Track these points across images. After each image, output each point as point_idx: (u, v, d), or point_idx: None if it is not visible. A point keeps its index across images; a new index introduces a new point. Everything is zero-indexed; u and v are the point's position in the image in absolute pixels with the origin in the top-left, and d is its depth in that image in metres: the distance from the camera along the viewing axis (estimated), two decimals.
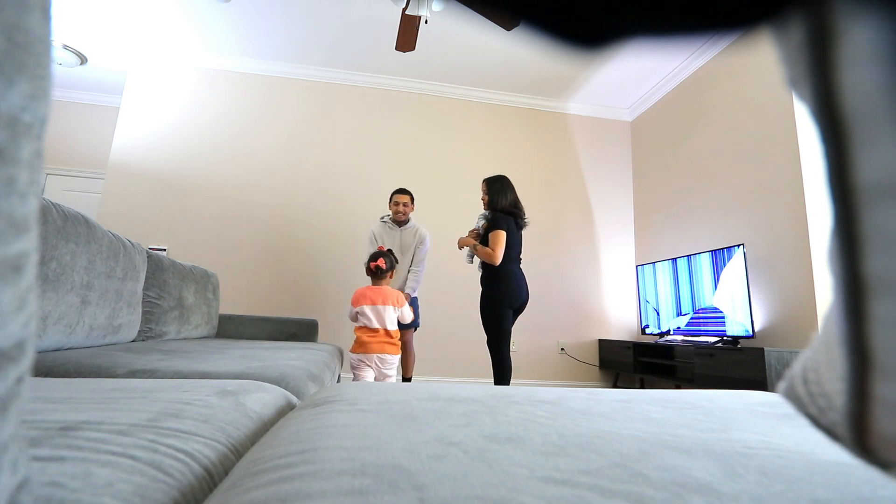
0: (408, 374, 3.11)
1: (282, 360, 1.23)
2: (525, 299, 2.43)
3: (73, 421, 0.39)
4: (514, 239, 2.42)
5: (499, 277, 2.39)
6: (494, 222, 2.40)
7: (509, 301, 2.38)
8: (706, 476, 0.29)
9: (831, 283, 0.16)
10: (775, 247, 2.71)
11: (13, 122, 0.18)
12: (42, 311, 1.10)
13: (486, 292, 2.44)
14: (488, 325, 2.41)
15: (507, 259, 2.39)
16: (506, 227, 2.38)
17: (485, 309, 2.43)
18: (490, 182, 2.54)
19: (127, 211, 3.58)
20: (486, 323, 2.42)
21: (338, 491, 0.25)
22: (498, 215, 2.42)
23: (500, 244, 2.35)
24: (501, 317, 2.37)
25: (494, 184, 2.52)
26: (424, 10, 2.45)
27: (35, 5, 0.19)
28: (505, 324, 2.38)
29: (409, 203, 3.00)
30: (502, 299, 2.38)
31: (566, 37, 0.15)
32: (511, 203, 2.47)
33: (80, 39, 3.64)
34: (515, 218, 2.46)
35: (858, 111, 0.13)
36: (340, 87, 4.03)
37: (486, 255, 2.39)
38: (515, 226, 2.45)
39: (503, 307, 2.37)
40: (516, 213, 2.46)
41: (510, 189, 2.51)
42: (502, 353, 2.37)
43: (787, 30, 0.15)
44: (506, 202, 2.46)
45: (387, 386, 0.60)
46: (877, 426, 0.15)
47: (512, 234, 2.40)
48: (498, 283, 2.39)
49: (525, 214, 2.51)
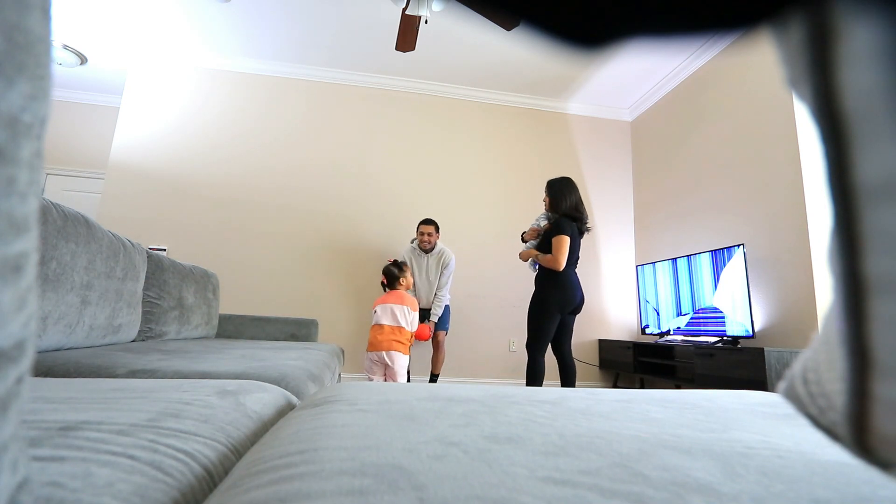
0: (436, 371, 3.31)
1: (282, 360, 1.23)
2: (578, 303, 2.39)
3: (73, 421, 0.39)
4: (576, 244, 2.36)
5: (555, 282, 2.34)
6: (558, 227, 2.32)
7: (559, 306, 2.33)
8: (706, 476, 0.29)
9: (831, 283, 0.16)
10: (775, 247, 2.71)
11: (13, 122, 0.18)
12: (42, 311, 1.10)
13: (539, 293, 2.39)
14: (531, 325, 2.38)
15: (567, 263, 2.33)
16: (569, 231, 2.31)
17: (532, 308, 2.39)
18: (552, 183, 2.47)
19: (127, 211, 3.58)
20: (530, 322, 2.39)
21: (338, 491, 0.25)
22: (562, 220, 2.35)
23: (564, 250, 2.28)
24: (546, 320, 2.33)
25: (556, 186, 2.44)
26: (424, 10, 2.45)
27: (35, 5, 0.19)
28: (547, 327, 2.33)
29: (434, 232, 3.19)
30: (552, 303, 2.33)
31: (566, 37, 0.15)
32: (572, 206, 2.38)
33: (80, 39, 3.64)
34: (579, 223, 2.38)
35: (858, 111, 0.13)
36: (340, 87, 4.03)
37: (548, 262, 2.33)
38: (578, 231, 2.38)
39: (551, 311, 2.33)
40: (579, 217, 2.39)
41: (573, 191, 2.42)
42: (535, 355, 2.34)
43: (787, 30, 0.15)
44: (568, 205, 2.38)
45: (387, 386, 0.60)
46: (877, 426, 0.15)
47: (574, 238, 2.34)
48: (552, 287, 2.35)
49: (587, 219, 2.43)
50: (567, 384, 2.41)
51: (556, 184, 2.45)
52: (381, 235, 3.81)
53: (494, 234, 3.98)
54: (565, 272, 2.34)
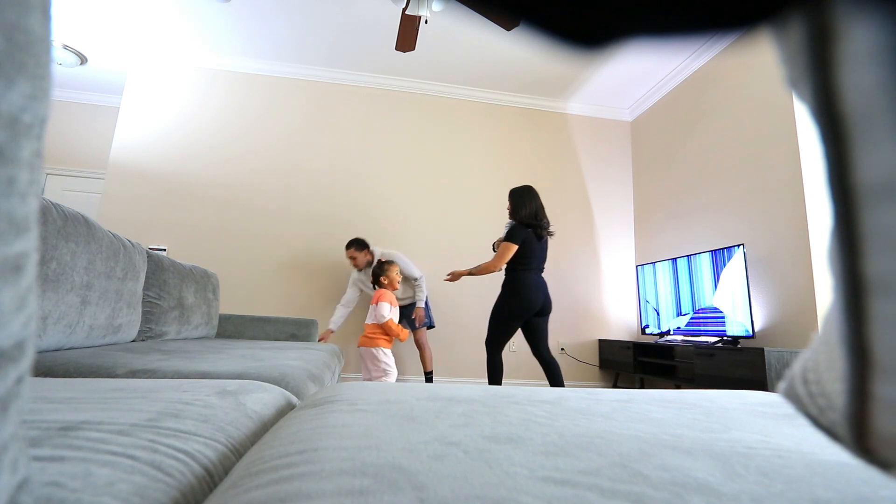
0: (428, 368, 3.29)
1: (282, 360, 1.23)
2: (541, 305, 2.47)
3: (73, 421, 0.39)
4: (533, 249, 2.46)
5: (514, 287, 2.45)
6: (509, 233, 2.46)
7: (520, 310, 2.44)
8: (706, 476, 0.29)
9: (831, 283, 0.16)
10: (775, 247, 2.71)
11: (13, 122, 0.18)
12: (42, 311, 1.10)
13: (501, 297, 2.50)
14: (491, 325, 2.50)
15: (524, 268, 2.45)
16: (520, 238, 2.43)
17: (494, 310, 2.51)
18: (513, 193, 2.58)
19: (127, 211, 3.58)
20: (491, 323, 2.51)
21: (338, 491, 0.25)
22: (515, 227, 2.47)
23: (504, 255, 2.43)
24: (504, 323, 2.45)
25: (516, 195, 2.56)
26: (424, 10, 2.45)
27: (35, 5, 0.19)
28: (506, 329, 2.46)
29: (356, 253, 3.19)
30: (512, 308, 2.45)
31: (566, 37, 0.15)
32: (531, 214, 2.49)
33: (80, 39, 3.64)
34: (535, 229, 2.47)
35: (858, 111, 0.13)
36: (340, 87, 4.03)
37: (485, 270, 2.52)
38: (536, 236, 2.47)
39: (510, 316, 2.45)
40: (536, 224, 2.48)
41: (531, 200, 2.52)
42: (492, 353, 2.48)
43: (787, 30, 0.15)
44: (527, 212, 2.49)
45: (387, 386, 0.60)
46: (877, 426, 0.15)
47: (530, 244, 2.45)
48: (512, 294, 2.46)
49: (548, 225, 2.53)
50: (554, 381, 2.49)
51: (515, 193, 2.56)
52: (380, 235, 3.81)
53: (494, 234, 3.97)
54: (525, 277, 2.45)
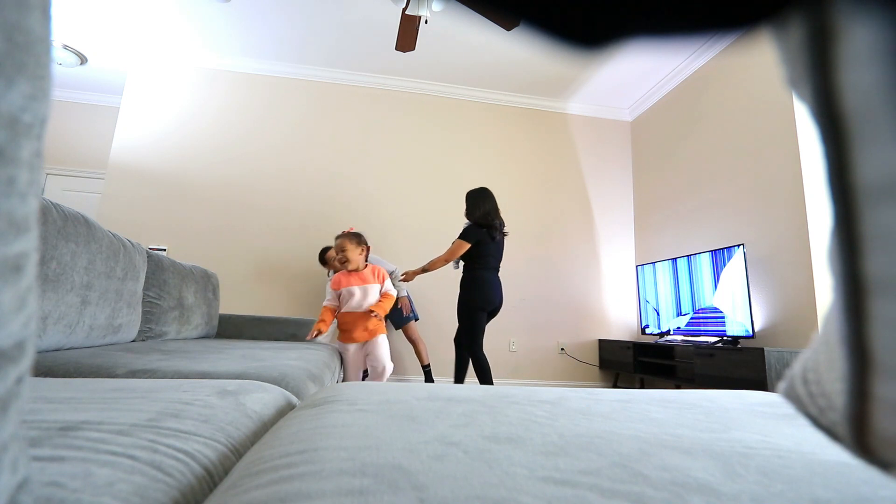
0: (425, 362, 3.28)
1: (282, 360, 1.23)
2: (498, 304, 2.58)
3: (73, 421, 0.39)
4: (487, 249, 2.56)
5: (474, 283, 2.56)
6: (462, 232, 2.58)
7: (482, 305, 2.53)
8: (706, 476, 0.29)
9: (831, 283, 0.16)
10: (775, 247, 2.71)
11: (13, 122, 0.18)
12: (42, 311, 1.10)
13: (463, 294, 2.59)
14: (463, 325, 2.57)
15: (482, 267, 2.56)
16: (473, 238, 2.54)
17: (460, 309, 2.59)
18: (468, 194, 2.68)
19: (127, 211, 3.58)
20: (460, 322, 2.59)
21: (338, 491, 0.25)
22: (469, 227, 2.58)
23: (455, 252, 2.57)
24: (474, 317, 2.54)
25: (470, 196, 2.66)
26: (424, 10, 2.45)
27: (35, 5, 0.19)
28: (478, 323, 2.54)
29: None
30: (476, 303, 2.54)
31: (566, 37, 0.15)
32: (483, 215, 2.58)
33: (80, 39, 3.64)
34: (489, 229, 2.55)
35: (858, 111, 0.13)
36: (340, 87, 4.03)
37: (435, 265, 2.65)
38: (489, 237, 2.55)
39: (477, 310, 2.54)
40: (488, 225, 2.56)
41: (485, 201, 2.61)
42: (476, 352, 2.53)
43: (787, 30, 0.15)
44: (478, 214, 2.58)
45: (387, 386, 0.60)
46: (877, 426, 0.15)
47: (483, 244, 2.55)
48: (472, 289, 2.56)
49: (501, 225, 2.61)
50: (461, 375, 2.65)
51: (470, 195, 2.66)
52: (380, 235, 3.81)
53: None
54: (483, 275, 2.55)
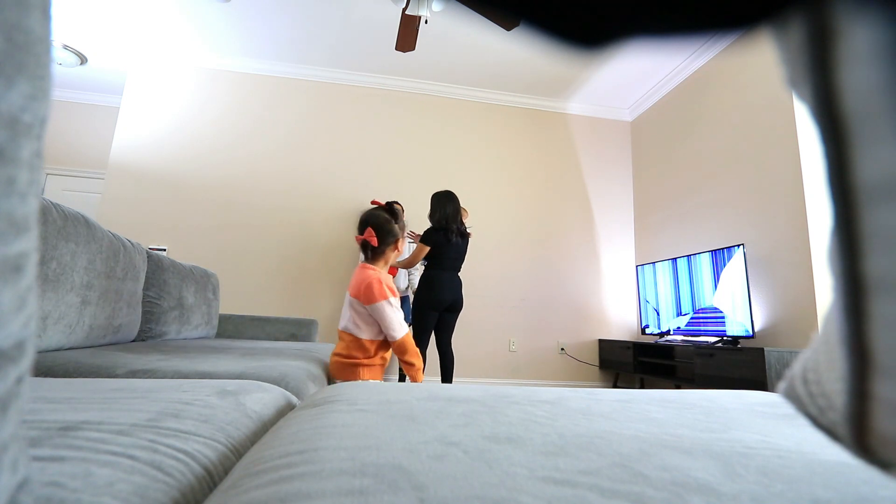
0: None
1: (282, 360, 1.23)
2: (451, 301, 2.71)
3: (73, 421, 0.39)
4: (442, 251, 2.70)
5: (426, 282, 2.72)
6: (422, 235, 2.75)
7: (432, 302, 2.68)
8: (706, 476, 0.29)
9: (831, 283, 0.16)
10: (775, 247, 2.71)
11: (13, 122, 0.18)
12: (42, 311, 1.10)
13: (416, 292, 2.78)
14: (413, 321, 2.74)
15: (436, 267, 2.71)
16: (431, 241, 2.69)
17: (413, 307, 2.77)
18: (432, 197, 2.81)
19: (127, 211, 3.58)
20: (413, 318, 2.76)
21: (338, 491, 0.25)
22: (427, 231, 2.73)
23: (417, 255, 2.73)
24: (421, 316, 2.69)
25: (433, 199, 2.80)
26: (424, 10, 2.45)
27: (35, 5, 0.19)
28: (424, 322, 2.69)
29: None
30: (425, 301, 2.69)
31: (566, 37, 0.15)
32: (440, 219, 2.72)
33: (80, 39, 3.64)
34: (445, 232, 2.69)
35: (858, 111, 0.13)
36: (341, 87, 4.03)
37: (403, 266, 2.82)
38: (445, 239, 2.69)
39: (425, 307, 2.69)
40: (444, 228, 2.71)
41: (444, 205, 2.74)
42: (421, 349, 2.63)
43: (787, 30, 0.15)
44: (438, 217, 2.73)
45: (387, 386, 0.60)
46: (877, 426, 0.15)
47: (440, 246, 2.69)
48: (423, 287, 2.71)
49: (457, 229, 2.73)
50: (446, 372, 2.78)
51: (433, 198, 2.80)
52: None
53: (494, 234, 3.98)
54: (436, 275, 2.69)
